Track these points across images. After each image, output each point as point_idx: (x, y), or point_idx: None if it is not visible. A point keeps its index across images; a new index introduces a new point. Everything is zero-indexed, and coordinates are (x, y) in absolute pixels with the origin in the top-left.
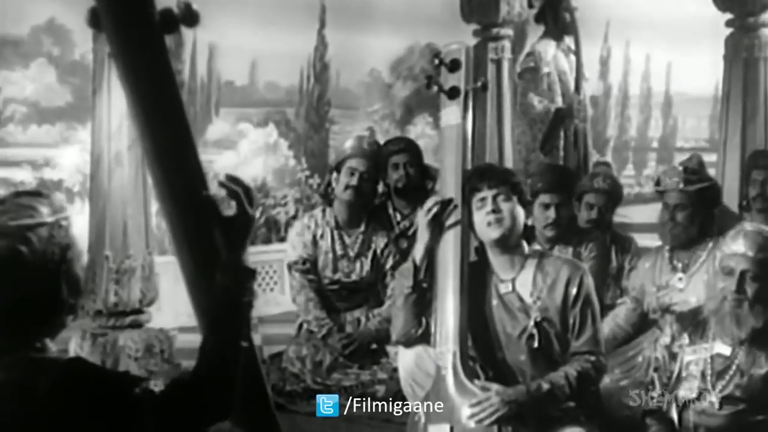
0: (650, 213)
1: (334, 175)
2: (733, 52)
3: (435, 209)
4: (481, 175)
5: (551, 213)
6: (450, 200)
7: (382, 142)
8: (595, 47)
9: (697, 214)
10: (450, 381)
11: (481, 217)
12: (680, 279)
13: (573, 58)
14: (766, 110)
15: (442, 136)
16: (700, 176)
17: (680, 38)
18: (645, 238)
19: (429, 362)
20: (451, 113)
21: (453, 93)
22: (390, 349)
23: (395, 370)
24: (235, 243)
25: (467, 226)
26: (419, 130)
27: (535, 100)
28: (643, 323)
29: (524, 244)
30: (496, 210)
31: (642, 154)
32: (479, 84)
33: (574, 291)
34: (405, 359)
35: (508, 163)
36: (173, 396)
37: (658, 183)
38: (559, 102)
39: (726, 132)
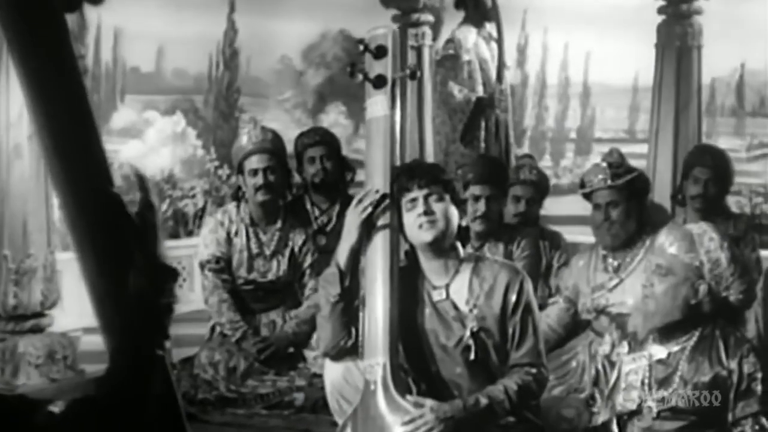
0: (567, 205)
1: (240, 177)
2: (666, 40)
3: (370, 209)
4: (410, 174)
5: (481, 205)
6: (383, 196)
7: (293, 131)
8: (512, 35)
9: (632, 209)
10: (380, 396)
11: (412, 220)
12: (612, 279)
13: (494, 45)
14: (699, 100)
15: (369, 129)
16: (625, 168)
17: (599, 27)
18: (564, 231)
19: (358, 376)
20: (377, 104)
21: (379, 82)
22: (308, 353)
23: (314, 375)
24: (148, 238)
25: (396, 227)
26: (332, 119)
27: (455, 89)
28: (575, 325)
29: (459, 247)
30: (428, 212)
31: (559, 145)
32: (407, 71)
33: (513, 298)
34: (332, 372)
35: (429, 155)
36: (77, 419)
37: (583, 185)
38: (480, 91)
39: (658, 122)
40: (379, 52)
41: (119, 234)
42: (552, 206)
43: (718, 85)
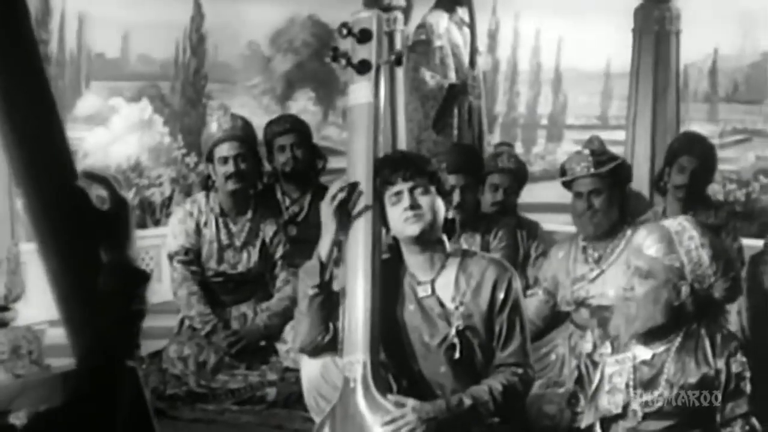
0: (540, 192)
1: (210, 166)
2: (644, 24)
3: (340, 196)
4: (394, 166)
5: (455, 196)
6: (355, 184)
7: (261, 117)
8: (483, 20)
9: (614, 197)
10: (360, 395)
11: (397, 213)
12: (593, 270)
13: (466, 30)
14: (678, 86)
15: (351, 117)
16: (608, 156)
17: (571, 12)
18: (536, 219)
19: (336, 373)
20: (360, 90)
21: (363, 67)
22: (280, 346)
23: (287, 369)
24: (117, 239)
25: (379, 219)
26: (301, 106)
27: (427, 76)
28: (554, 317)
29: (445, 240)
30: (414, 205)
31: (531, 132)
32: (392, 57)
33: (501, 296)
34: (309, 368)
35: (402, 143)
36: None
37: (564, 173)
38: (453, 77)
39: (635, 109)
40: (363, 36)
41: (83, 230)
42: (524, 194)
43: (691, 70)
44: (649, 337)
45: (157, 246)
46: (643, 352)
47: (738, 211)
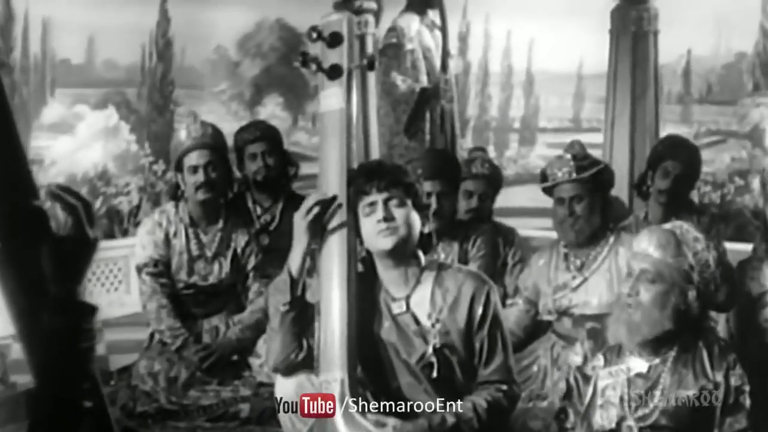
0: (513, 197)
1: (179, 175)
2: (621, 25)
3: (316, 210)
4: (368, 176)
5: (432, 202)
6: (333, 198)
7: (230, 123)
8: (453, 23)
9: (596, 202)
10: (338, 415)
11: (370, 226)
12: (575, 278)
13: (438, 33)
14: (656, 88)
15: (322, 124)
16: (590, 160)
17: (542, 13)
18: (509, 223)
19: (312, 392)
20: (331, 96)
21: (334, 72)
22: (253, 361)
23: (260, 385)
24: (67, 272)
25: (354, 230)
26: (269, 111)
27: (398, 79)
28: (535, 327)
29: (420, 255)
30: (388, 218)
31: (503, 135)
32: (364, 61)
33: (480, 310)
34: (283, 388)
35: (374, 150)
36: None
37: (545, 179)
38: (424, 81)
39: (613, 111)
40: (334, 40)
41: (37, 252)
42: (497, 198)
43: (664, 71)
44: (656, 344)
45: (126, 257)
46: (639, 365)
47: (713, 213)
